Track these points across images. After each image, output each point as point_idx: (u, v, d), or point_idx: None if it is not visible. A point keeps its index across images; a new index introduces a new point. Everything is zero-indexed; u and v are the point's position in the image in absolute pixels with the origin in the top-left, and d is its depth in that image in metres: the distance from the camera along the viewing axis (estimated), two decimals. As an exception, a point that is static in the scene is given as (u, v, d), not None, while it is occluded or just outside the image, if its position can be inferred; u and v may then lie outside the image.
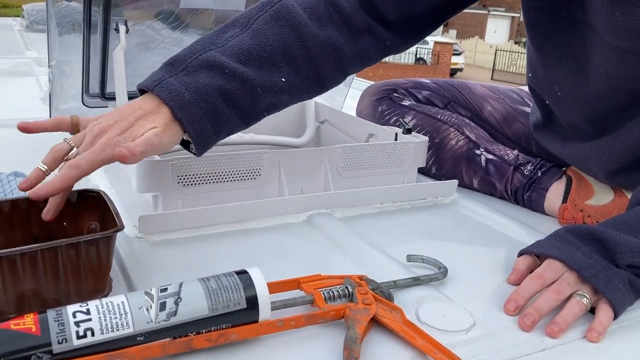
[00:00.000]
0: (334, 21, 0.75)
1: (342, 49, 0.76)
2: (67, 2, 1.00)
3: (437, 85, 1.13)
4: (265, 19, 0.72)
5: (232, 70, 0.67)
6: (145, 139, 0.61)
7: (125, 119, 0.62)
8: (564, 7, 0.77)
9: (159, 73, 0.67)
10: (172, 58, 0.68)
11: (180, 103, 0.64)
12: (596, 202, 0.87)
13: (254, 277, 0.55)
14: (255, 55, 0.70)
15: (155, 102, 0.64)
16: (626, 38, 0.71)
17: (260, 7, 0.73)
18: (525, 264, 0.68)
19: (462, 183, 1.02)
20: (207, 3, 1.14)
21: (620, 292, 0.61)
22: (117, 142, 0.60)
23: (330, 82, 0.78)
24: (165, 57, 1.17)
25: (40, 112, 1.27)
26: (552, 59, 0.83)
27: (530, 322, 0.59)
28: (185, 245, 0.75)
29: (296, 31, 0.72)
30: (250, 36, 0.70)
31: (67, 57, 1.05)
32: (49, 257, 0.54)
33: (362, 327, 0.55)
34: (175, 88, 0.65)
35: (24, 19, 3.36)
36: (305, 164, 0.88)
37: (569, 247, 0.64)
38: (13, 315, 0.51)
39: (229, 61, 0.68)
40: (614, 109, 0.80)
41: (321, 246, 0.77)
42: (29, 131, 0.66)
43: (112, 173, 0.96)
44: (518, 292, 0.63)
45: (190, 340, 0.51)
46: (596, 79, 0.78)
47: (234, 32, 0.71)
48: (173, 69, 0.66)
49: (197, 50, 0.68)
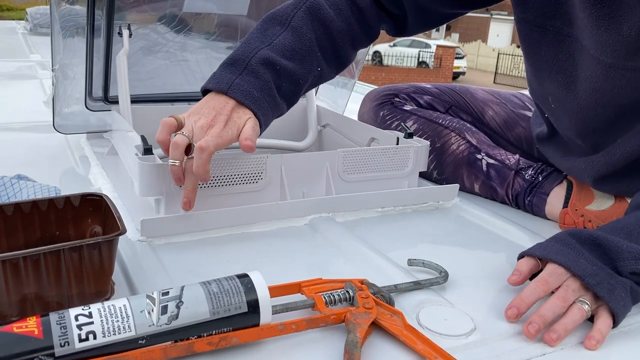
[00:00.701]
0: (353, 14, 0.87)
1: (359, 37, 0.89)
2: (71, 6, 1.01)
3: (438, 90, 1.13)
4: (300, 17, 0.83)
5: (282, 67, 0.80)
6: (253, 130, 0.75)
7: (221, 113, 0.74)
8: (550, 21, 0.78)
9: (225, 75, 0.77)
10: (230, 59, 0.79)
11: (253, 100, 0.76)
12: (597, 207, 0.87)
13: (255, 281, 0.55)
14: (298, 51, 0.82)
15: (233, 101, 0.75)
16: (611, 53, 0.72)
17: (295, 5, 0.84)
18: (528, 266, 0.66)
19: (463, 187, 1.02)
20: (210, 7, 1.15)
21: (623, 301, 0.61)
22: (224, 129, 0.73)
23: (347, 62, 0.92)
24: (168, 61, 1.18)
25: (44, 115, 1.29)
26: (543, 71, 0.84)
27: (535, 330, 0.58)
28: (187, 248, 0.75)
29: (325, 26, 0.85)
30: (291, 34, 0.82)
31: (70, 61, 1.05)
32: (51, 260, 0.54)
33: (363, 331, 0.55)
34: (245, 88, 0.76)
35: (27, 22, 3.37)
36: (307, 168, 0.89)
37: (571, 252, 0.63)
38: (16, 318, 0.51)
39: (279, 58, 0.79)
40: (603, 123, 0.80)
41: (322, 250, 0.78)
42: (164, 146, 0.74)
43: (114, 177, 0.96)
44: (521, 298, 0.62)
45: (191, 343, 0.51)
46: (584, 92, 0.79)
47: (276, 30, 0.82)
48: (236, 70, 0.78)
49: (252, 49, 0.79)
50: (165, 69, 1.18)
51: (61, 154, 1.10)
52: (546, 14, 0.78)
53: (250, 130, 0.74)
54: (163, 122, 0.73)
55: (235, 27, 1.20)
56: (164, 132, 0.73)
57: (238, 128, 0.74)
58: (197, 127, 0.73)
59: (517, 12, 0.83)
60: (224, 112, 0.74)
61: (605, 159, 0.83)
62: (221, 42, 1.20)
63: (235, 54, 0.79)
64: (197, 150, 0.70)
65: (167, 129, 0.73)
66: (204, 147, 0.70)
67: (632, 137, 0.79)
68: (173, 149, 0.71)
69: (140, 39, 1.11)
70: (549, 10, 0.77)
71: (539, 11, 0.79)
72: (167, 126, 0.73)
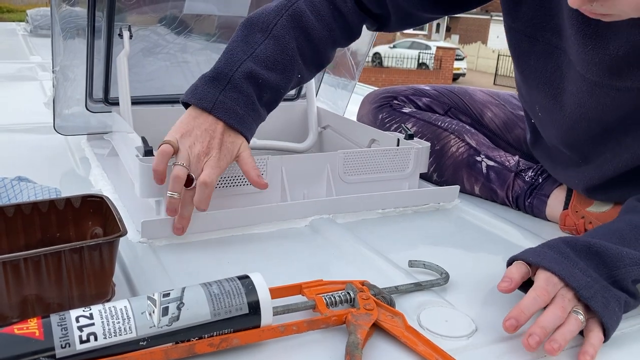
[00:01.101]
0: (335, 19, 0.86)
1: (340, 40, 0.89)
2: (72, 8, 1.01)
3: (437, 92, 1.13)
4: (282, 25, 0.82)
5: (264, 80, 0.80)
6: (252, 159, 0.78)
7: (214, 137, 0.75)
8: (540, 32, 0.77)
9: (208, 91, 0.77)
10: (213, 72, 0.79)
11: (239, 120, 0.77)
12: (597, 208, 0.87)
13: (256, 283, 0.55)
14: (280, 61, 0.81)
15: (221, 122, 0.76)
16: (596, 72, 0.71)
17: (276, 12, 0.83)
18: (519, 273, 0.62)
19: (464, 189, 1.02)
20: (210, 8, 1.15)
21: (616, 316, 0.59)
22: (220, 158, 0.75)
23: (328, 62, 0.91)
24: (169, 62, 1.18)
25: (44, 117, 1.29)
26: (531, 81, 0.83)
27: (536, 342, 0.55)
28: (187, 250, 0.75)
29: (307, 33, 0.84)
30: (273, 43, 0.81)
31: (71, 62, 1.05)
32: (52, 261, 0.54)
33: (364, 333, 0.55)
34: (229, 106, 0.77)
35: (27, 24, 3.37)
36: (308, 170, 0.89)
37: (565, 261, 0.61)
38: (16, 320, 0.51)
39: (261, 70, 0.79)
40: (589, 136, 0.80)
41: (323, 251, 0.78)
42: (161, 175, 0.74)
43: (115, 178, 0.96)
44: (520, 309, 0.58)
45: (192, 345, 0.51)
46: (570, 105, 0.78)
47: (257, 38, 0.81)
48: (219, 85, 0.77)
49: (234, 61, 0.79)
50: (165, 71, 1.18)
51: (62, 155, 1.10)
52: (536, 24, 0.77)
53: (252, 161, 0.78)
54: (161, 151, 0.73)
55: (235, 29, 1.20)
56: (163, 162, 0.73)
57: (232, 155, 0.77)
58: (194, 156, 0.74)
59: (507, 21, 0.82)
60: (216, 135, 0.75)
61: (596, 172, 0.82)
62: (221, 43, 1.20)
63: (218, 66, 0.79)
64: (200, 185, 0.72)
65: (166, 158, 0.73)
66: (208, 182, 0.72)
67: (622, 152, 0.78)
68: (174, 183, 0.72)
69: (141, 40, 1.11)
70: (539, 22, 0.77)
71: (529, 21, 0.78)
72: (166, 155, 0.73)
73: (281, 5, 0.83)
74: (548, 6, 0.75)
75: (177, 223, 0.75)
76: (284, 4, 0.83)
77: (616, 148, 0.79)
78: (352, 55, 1.32)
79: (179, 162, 0.73)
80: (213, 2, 1.13)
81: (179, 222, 0.75)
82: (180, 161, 0.73)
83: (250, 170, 0.78)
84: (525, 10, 0.78)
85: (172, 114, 1.12)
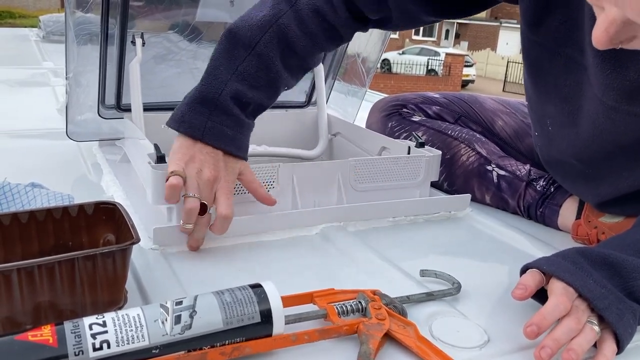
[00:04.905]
0: (324, 32, 0.84)
1: (328, 48, 0.89)
2: (85, 14, 1.02)
3: (447, 100, 1.13)
4: (266, 42, 0.80)
5: (248, 98, 0.80)
6: (253, 175, 0.81)
7: (217, 160, 0.77)
8: (562, 48, 0.76)
9: (195, 117, 0.78)
10: (199, 95, 0.79)
11: (229, 141, 0.78)
12: (610, 219, 0.86)
13: (268, 291, 0.55)
14: (264, 78, 0.81)
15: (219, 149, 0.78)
16: (614, 97, 0.71)
17: (260, 28, 0.81)
18: (534, 281, 0.62)
19: (474, 199, 1.01)
20: (222, 16, 1.15)
21: (630, 328, 0.59)
22: (229, 181, 0.77)
23: (315, 66, 0.91)
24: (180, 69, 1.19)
25: (57, 122, 1.30)
26: (546, 95, 0.82)
27: (548, 355, 0.55)
28: (199, 257, 0.75)
29: (291, 48, 0.82)
30: (257, 60, 0.80)
31: (83, 68, 1.06)
32: (66, 268, 0.54)
33: (376, 343, 0.55)
34: (218, 131, 0.78)
35: (40, 30, 3.39)
36: (319, 177, 0.89)
37: (580, 272, 0.60)
38: (30, 327, 0.51)
39: (246, 89, 0.80)
40: (604, 154, 0.79)
41: (334, 260, 0.77)
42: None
43: (126, 184, 0.97)
44: (542, 315, 0.57)
45: (204, 353, 0.51)
46: (585, 124, 0.77)
47: (240, 53, 0.80)
48: (206, 110, 0.78)
49: (219, 83, 0.79)
50: (177, 77, 1.19)
51: (74, 161, 1.11)
52: (559, 39, 0.76)
53: (255, 179, 0.81)
54: (170, 185, 0.72)
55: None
56: (175, 196, 0.73)
57: (236, 175, 0.79)
58: (203, 182, 0.74)
59: (526, 33, 0.80)
60: (219, 157, 0.77)
61: (611, 189, 0.81)
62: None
63: (203, 89, 0.79)
64: (222, 219, 0.74)
65: (178, 191, 0.73)
66: (230, 215, 0.75)
67: (639, 173, 0.77)
68: (189, 215, 0.73)
69: (153, 47, 1.12)
70: (562, 36, 0.75)
71: (551, 35, 0.76)
72: (178, 188, 0.73)
73: (266, 20, 0.81)
74: (573, 22, 0.73)
75: (193, 242, 0.76)
76: (268, 20, 0.81)
77: (633, 166, 0.78)
78: (362, 62, 1.32)
79: (190, 193, 0.73)
80: (225, 9, 1.14)
81: (195, 242, 0.76)
82: (191, 192, 0.73)
83: (258, 189, 0.80)
84: (549, 25, 0.76)
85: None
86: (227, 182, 0.77)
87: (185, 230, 0.74)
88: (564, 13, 0.73)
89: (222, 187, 0.76)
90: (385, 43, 1.28)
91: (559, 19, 0.74)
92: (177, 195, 0.73)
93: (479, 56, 22.87)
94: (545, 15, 0.76)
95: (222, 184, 0.76)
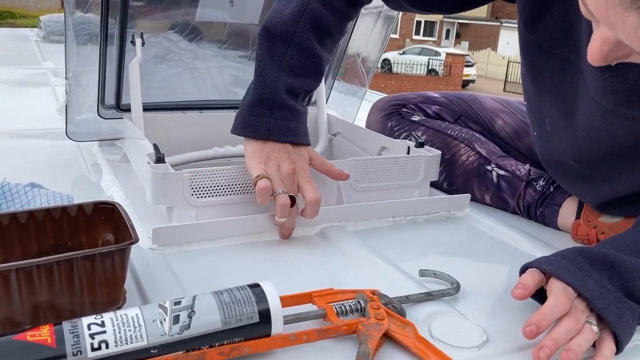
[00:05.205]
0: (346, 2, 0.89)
1: (354, 16, 0.94)
2: (85, 15, 1.02)
3: (446, 100, 1.12)
4: (301, 31, 0.84)
5: (299, 88, 0.86)
6: (322, 158, 0.86)
7: (290, 153, 0.82)
8: (558, 49, 0.76)
9: (258, 120, 0.82)
10: (256, 98, 0.83)
11: (296, 134, 0.83)
12: (610, 219, 0.86)
13: (267, 291, 0.55)
14: (307, 65, 0.86)
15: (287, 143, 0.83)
16: (611, 100, 0.70)
17: (292, 20, 0.84)
18: (534, 281, 0.61)
19: (474, 198, 1.01)
20: (222, 16, 1.15)
21: (630, 328, 0.58)
22: (306, 169, 0.82)
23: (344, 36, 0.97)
24: (180, 69, 1.19)
25: (56, 122, 1.29)
26: (544, 94, 0.82)
27: (546, 355, 0.55)
28: (198, 257, 0.75)
29: (326, 30, 0.87)
30: (297, 50, 0.85)
31: (83, 69, 1.06)
32: (64, 268, 0.54)
33: (375, 343, 0.55)
34: (282, 127, 0.82)
35: (40, 30, 3.39)
36: (319, 177, 0.88)
37: (579, 271, 0.60)
38: (28, 327, 0.51)
39: (294, 81, 0.85)
40: (602, 156, 0.79)
41: (333, 259, 0.77)
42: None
43: (126, 184, 0.97)
44: (542, 315, 0.57)
45: (203, 353, 0.51)
46: (580, 125, 0.77)
47: (280, 48, 0.84)
48: (266, 110, 0.83)
49: (271, 83, 0.83)
50: (177, 77, 1.19)
51: (73, 161, 1.11)
52: (555, 40, 0.76)
53: (325, 161, 0.86)
54: (261, 189, 0.77)
55: (246, 36, 1.21)
56: (267, 198, 0.78)
57: (307, 161, 0.84)
58: (285, 176, 0.80)
59: (524, 33, 0.80)
60: (290, 150, 0.82)
61: (610, 190, 0.81)
62: (232, 50, 1.21)
63: (258, 91, 0.83)
64: (312, 204, 0.79)
65: (269, 193, 0.78)
66: (318, 199, 0.80)
67: (638, 174, 0.77)
68: (283, 210, 0.78)
69: (153, 47, 1.12)
70: (559, 37, 0.75)
71: (548, 35, 0.76)
72: (268, 190, 0.77)
73: (296, 11, 0.85)
74: (570, 22, 0.73)
75: (286, 231, 0.81)
76: (298, 9, 0.84)
77: (631, 169, 0.77)
78: (362, 62, 1.32)
79: (279, 190, 0.78)
80: (225, 9, 1.14)
81: (287, 231, 0.82)
82: (278, 189, 0.78)
83: (330, 168, 0.86)
84: (546, 24, 0.76)
85: (184, 120, 1.13)
86: (304, 170, 0.81)
87: (279, 223, 0.80)
88: (561, 8, 0.73)
89: (302, 176, 0.81)
90: (385, 43, 1.28)
91: (555, 17, 0.74)
92: (269, 196, 0.78)
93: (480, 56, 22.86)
94: (542, 12, 0.76)
95: (301, 173, 0.81)
